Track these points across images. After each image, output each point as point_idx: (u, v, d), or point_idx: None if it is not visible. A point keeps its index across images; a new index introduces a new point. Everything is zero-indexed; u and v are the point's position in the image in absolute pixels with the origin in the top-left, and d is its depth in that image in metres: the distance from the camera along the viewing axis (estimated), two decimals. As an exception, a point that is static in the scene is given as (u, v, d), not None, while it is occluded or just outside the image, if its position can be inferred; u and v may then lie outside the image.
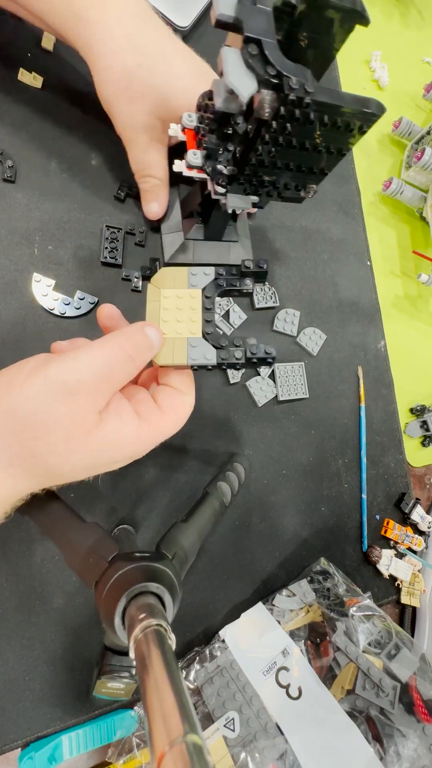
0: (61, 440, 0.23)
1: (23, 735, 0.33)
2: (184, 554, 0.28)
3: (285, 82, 0.22)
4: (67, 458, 0.24)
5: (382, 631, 0.38)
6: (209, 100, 0.30)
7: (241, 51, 0.23)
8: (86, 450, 0.24)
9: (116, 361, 0.24)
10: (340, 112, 0.24)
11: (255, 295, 0.44)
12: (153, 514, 0.38)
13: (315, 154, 0.27)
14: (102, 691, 0.29)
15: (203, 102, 0.30)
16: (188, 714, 0.15)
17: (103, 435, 0.24)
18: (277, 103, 0.23)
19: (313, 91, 0.23)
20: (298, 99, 0.23)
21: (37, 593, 0.34)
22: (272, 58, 0.22)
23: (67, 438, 0.23)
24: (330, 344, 0.49)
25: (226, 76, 0.23)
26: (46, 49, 0.40)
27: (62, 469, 0.24)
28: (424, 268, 0.58)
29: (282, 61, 0.22)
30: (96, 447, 0.24)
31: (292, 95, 0.22)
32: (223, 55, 0.23)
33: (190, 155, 0.31)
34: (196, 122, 0.32)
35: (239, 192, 0.31)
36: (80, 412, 0.23)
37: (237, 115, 0.26)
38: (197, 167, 0.31)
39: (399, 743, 0.33)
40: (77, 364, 0.24)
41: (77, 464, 0.24)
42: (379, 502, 0.49)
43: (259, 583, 0.42)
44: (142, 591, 0.22)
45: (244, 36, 0.22)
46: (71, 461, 0.24)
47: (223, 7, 0.23)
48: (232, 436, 0.42)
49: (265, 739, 0.33)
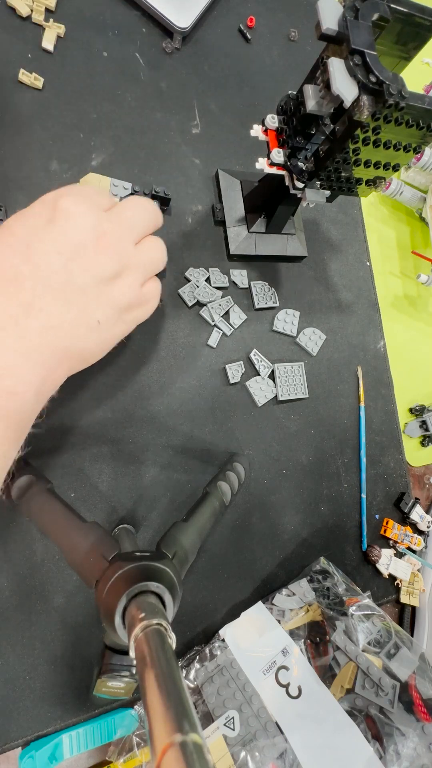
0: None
1: (24, 734, 0.33)
2: (184, 553, 0.28)
3: (385, 89, 0.26)
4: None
5: (382, 630, 0.38)
6: (294, 104, 0.33)
7: (345, 61, 0.27)
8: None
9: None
10: (430, 115, 0.28)
11: (255, 295, 0.45)
12: (153, 513, 0.38)
13: (395, 152, 0.31)
14: (102, 690, 0.29)
15: (286, 105, 0.34)
16: (188, 713, 0.15)
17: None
18: (375, 107, 0.27)
19: (408, 96, 0.26)
20: (395, 103, 0.26)
21: (38, 592, 0.34)
22: (375, 68, 0.26)
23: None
24: (330, 344, 0.49)
25: (333, 82, 0.27)
26: (47, 49, 0.40)
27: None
28: (424, 269, 0.58)
29: (382, 70, 0.26)
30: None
31: (391, 100, 0.26)
32: (331, 65, 0.27)
33: (274, 153, 0.34)
34: (278, 123, 0.35)
35: (315, 187, 0.35)
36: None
37: (325, 117, 0.30)
38: (279, 164, 0.35)
39: (398, 742, 0.33)
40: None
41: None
42: (378, 502, 0.49)
43: (259, 583, 0.42)
44: (143, 590, 0.22)
45: (350, 48, 0.26)
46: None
47: (328, 22, 0.26)
48: (232, 436, 0.42)
49: (265, 738, 0.33)
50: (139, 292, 0.30)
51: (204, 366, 0.42)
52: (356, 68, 0.26)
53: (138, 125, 0.43)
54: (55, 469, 0.35)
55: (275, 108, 0.35)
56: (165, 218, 0.42)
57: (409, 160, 0.33)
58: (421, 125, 0.29)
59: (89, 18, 0.43)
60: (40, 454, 0.35)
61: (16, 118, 0.39)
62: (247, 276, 0.45)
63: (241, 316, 0.44)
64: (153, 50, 0.45)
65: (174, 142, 0.44)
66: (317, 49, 0.30)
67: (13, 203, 0.37)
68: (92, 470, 0.37)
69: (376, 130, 0.29)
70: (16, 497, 0.29)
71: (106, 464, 0.37)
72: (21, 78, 0.38)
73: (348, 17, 0.26)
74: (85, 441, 0.37)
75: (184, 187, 0.44)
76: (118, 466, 0.37)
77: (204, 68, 0.47)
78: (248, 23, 0.50)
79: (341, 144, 0.30)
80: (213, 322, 0.42)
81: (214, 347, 0.43)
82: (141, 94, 0.44)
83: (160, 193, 0.38)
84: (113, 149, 0.42)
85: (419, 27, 0.29)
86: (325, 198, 0.36)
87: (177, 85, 0.46)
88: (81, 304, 0.26)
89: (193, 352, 0.42)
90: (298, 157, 0.34)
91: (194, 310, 0.42)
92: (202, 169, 0.45)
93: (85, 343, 0.27)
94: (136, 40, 0.44)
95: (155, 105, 0.44)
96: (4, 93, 0.38)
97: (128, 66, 0.44)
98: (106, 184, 0.37)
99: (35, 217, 0.26)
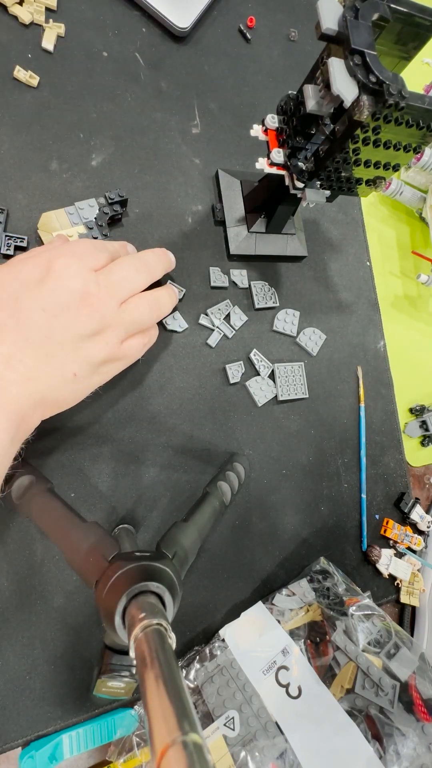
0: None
1: (24, 734, 0.33)
2: (184, 553, 0.28)
3: (385, 89, 0.26)
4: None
5: (382, 630, 0.38)
6: (294, 104, 0.32)
7: (345, 61, 0.27)
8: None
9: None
10: (430, 115, 0.28)
11: (255, 295, 0.45)
12: (153, 513, 0.38)
13: (395, 152, 0.31)
14: (102, 690, 0.29)
15: (286, 105, 0.33)
16: (188, 713, 0.15)
17: None
18: (375, 107, 0.27)
19: (408, 96, 0.26)
20: (395, 103, 0.26)
21: (38, 592, 0.34)
22: (375, 68, 0.26)
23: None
24: (330, 344, 0.49)
25: (333, 83, 0.26)
26: (47, 49, 0.40)
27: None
28: (424, 269, 0.58)
29: (382, 70, 0.26)
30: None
31: (391, 100, 0.26)
32: (331, 65, 0.27)
33: (274, 153, 0.34)
34: (278, 123, 0.35)
35: (315, 187, 0.35)
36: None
37: (325, 117, 0.30)
38: (279, 164, 0.35)
39: (398, 742, 0.33)
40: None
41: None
42: (378, 502, 0.49)
43: (259, 583, 0.42)
44: (143, 590, 0.22)
45: (350, 48, 0.26)
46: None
47: (328, 22, 0.26)
48: (233, 436, 0.42)
49: (265, 738, 0.33)
50: (116, 349, 0.31)
51: (204, 366, 0.42)
52: (356, 68, 0.26)
53: (138, 125, 0.43)
54: (55, 469, 0.35)
55: (275, 108, 0.35)
56: (162, 217, 0.42)
57: (409, 160, 0.33)
58: (421, 125, 0.29)
59: (89, 18, 0.43)
60: (40, 454, 0.35)
61: (16, 118, 0.39)
62: (247, 276, 0.45)
63: (242, 317, 0.44)
64: (153, 50, 0.45)
65: (174, 142, 0.45)
66: (317, 49, 0.30)
67: (14, 203, 0.37)
68: (92, 470, 0.37)
69: (376, 130, 0.29)
70: (16, 497, 0.29)
71: (106, 464, 0.37)
72: (16, 75, 0.38)
73: (348, 17, 0.26)
74: (85, 441, 0.37)
75: (184, 187, 0.44)
76: (118, 466, 0.37)
77: (204, 68, 0.47)
78: (248, 23, 0.50)
79: (341, 144, 0.30)
80: (214, 327, 0.42)
81: (214, 347, 0.43)
82: (141, 94, 0.44)
83: (114, 199, 0.38)
84: (113, 149, 0.42)
85: (419, 27, 0.29)
86: (325, 198, 0.36)
87: (177, 85, 0.46)
88: (59, 358, 0.28)
89: (193, 352, 0.42)
90: (298, 157, 0.34)
91: (195, 312, 0.42)
92: (202, 169, 0.45)
93: (60, 393, 0.29)
94: (136, 40, 0.44)
95: (155, 105, 0.44)
96: (4, 93, 0.38)
97: (128, 66, 0.44)
98: (64, 220, 0.37)
99: (28, 273, 0.28)
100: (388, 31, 0.29)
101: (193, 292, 0.42)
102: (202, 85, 0.47)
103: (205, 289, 0.43)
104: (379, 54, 0.27)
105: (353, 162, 0.32)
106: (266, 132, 0.35)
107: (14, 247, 0.36)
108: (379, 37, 0.29)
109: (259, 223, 0.44)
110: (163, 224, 0.42)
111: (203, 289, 0.43)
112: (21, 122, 0.39)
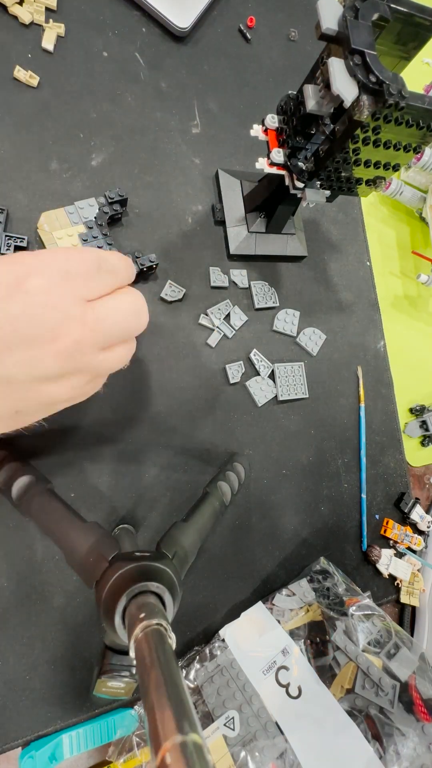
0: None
1: (24, 734, 0.33)
2: (184, 554, 0.28)
3: (385, 89, 0.26)
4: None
5: (382, 630, 0.38)
6: (294, 104, 0.32)
7: (345, 61, 0.27)
8: None
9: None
10: (430, 115, 0.28)
11: (255, 295, 0.45)
12: (153, 513, 0.38)
13: (395, 152, 0.31)
14: (102, 690, 0.29)
15: (286, 105, 0.33)
16: (188, 713, 0.15)
17: None
18: (375, 107, 0.27)
19: (408, 96, 0.26)
20: (395, 103, 0.26)
21: (38, 593, 0.34)
22: (375, 68, 0.26)
23: None
24: (330, 344, 0.49)
25: (333, 83, 0.26)
26: (47, 49, 0.40)
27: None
28: (424, 269, 0.58)
29: (382, 70, 0.26)
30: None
31: (391, 100, 0.26)
32: (331, 65, 0.27)
33: (274, 153, 0.34)
34: (278, 123, 0.34)
35: (315, 187, 0.35)
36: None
37: (325, 117, 0.30)
38: (279, 164, 0.35)
39: (398, 742, 0.33)
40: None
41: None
42: (378, 502, 0.49)
43: (259, 583, 0.42)
44: (143, 590, 0.22)
45: (350, 48, 0.26)
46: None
47: (328, 22, 0.26)
48: (232, 436, 0.42)
49: (265, 738, 0.33)
50: (78, 392, 0.25)
51: (204, 366, 0.42)
52: (356, 68, 0.26)
53: (138, 125, 0.43)
54: (55, 469, 0.35)
55: (275, 108, 0.35)
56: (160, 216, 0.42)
57: (409, 160, 0.33)
58: (421, 125, 0.29)
59: (89, 18, 0.43)
60: (40, 454, 0.35)
61: (16, 118, 0.39)
62: (247, 276, 0.45)
63: (242, 317, 0.44)
64: (153, 50, 0.45)
65: (174, 142, 0.44)
66: (317, 49, 0.30)
67: (13, 203, 0.37)
68: (92, 470, 0.37)
69: (376, 130, 0.29)
70: (16, 497, 0.29)
71: (106, 464, 0.37)
72: (16, 75, 0.38)
73: (348, 17, 0.26)
74: (85, 441, 0.37)
75: (184, 187, 0.44)
76: (118, 466, 0.37)
77: (204, 68, 0.47)
78: (248, 23, 0.50)
79: (341, 144, 0.30)
80: (214, 327, 0.42)
81: (214, 347, 0.43)
82: (141, 94, 0.44)
83: (114, 198, 0.38)
84: (113, 149, 0.42)
85: (419, 27, 0.29)
86: (325, 198, 0.36)
87: (177, 85, 0.46)
88: (3, 394, 0.22)
89: (193, 352, 0.42)
90: (298, 157, 0.34)
91: (195, 312, 0.42)
92: (202, 169, 0.45)
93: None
94: (136, 40, 0.44)
95: (155, 105, 0.44)
96: (4, 93, 0.38)
97: (128, 66, 0.44)
98: (63, 219, 0.35)
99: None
100: (388, 31, 0.29)
101: (193, 292, 0.42)
102: (202, 85, 0.47)
103: (205, 289, 0.43)
104: (379, 54, 0.27)
105: (353, 162, 0.32)
106: (266, 132, 0.35)
107: (14, 247, 0.36)
108: (379, 37, 0.29)
109: (259, 223, 0.44)
110: (163, 224, 0.42)
111: (203, 289, 0.43)
112: (21, 122, 0.39)
